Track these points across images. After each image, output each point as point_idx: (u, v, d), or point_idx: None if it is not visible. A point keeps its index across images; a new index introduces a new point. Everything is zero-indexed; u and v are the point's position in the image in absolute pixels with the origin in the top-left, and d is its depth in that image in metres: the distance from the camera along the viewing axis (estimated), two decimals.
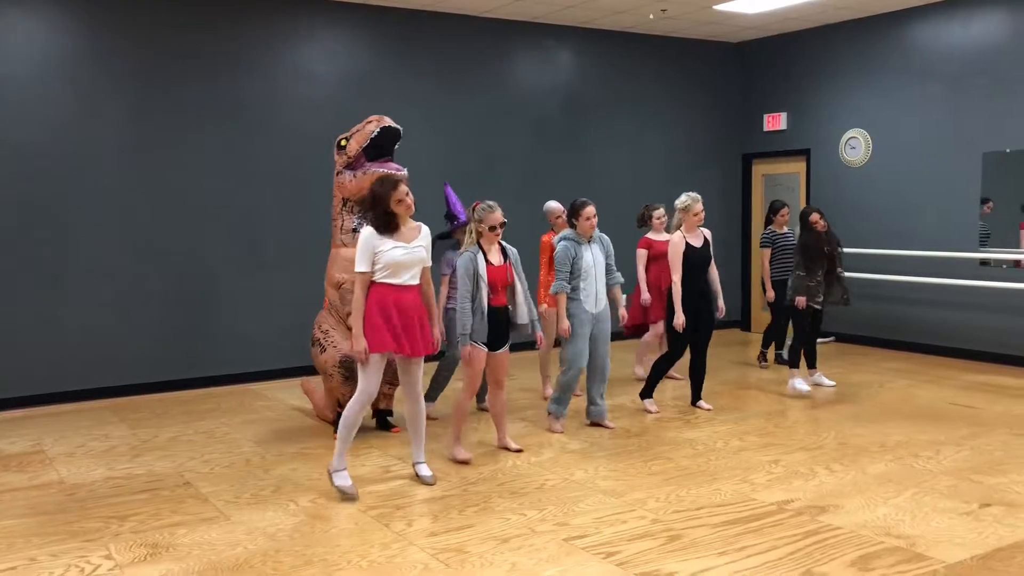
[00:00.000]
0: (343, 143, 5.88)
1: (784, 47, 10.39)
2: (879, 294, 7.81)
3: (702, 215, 6.40)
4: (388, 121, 5.79)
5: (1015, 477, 5.01)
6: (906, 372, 8.09)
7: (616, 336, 7.12)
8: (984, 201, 8.45)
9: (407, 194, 4.73)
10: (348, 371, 5.81)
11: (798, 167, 10.43)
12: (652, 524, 4.34)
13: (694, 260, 6.36)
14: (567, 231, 6.06)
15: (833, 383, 7.39)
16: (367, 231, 4.70)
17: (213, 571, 3.87)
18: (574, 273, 5.90)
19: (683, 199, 6.41)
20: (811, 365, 7.39)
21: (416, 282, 4.82)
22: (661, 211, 7.43)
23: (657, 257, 7.28)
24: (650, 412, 6.54)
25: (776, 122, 10.53)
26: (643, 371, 7.64)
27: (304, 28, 8.27)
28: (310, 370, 8.21)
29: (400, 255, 4.71)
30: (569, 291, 5.90)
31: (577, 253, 5.92)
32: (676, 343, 6.49)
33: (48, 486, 5.14)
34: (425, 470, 5.05)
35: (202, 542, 4.21)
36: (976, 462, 5.32)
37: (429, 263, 4.91)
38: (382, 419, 6.26)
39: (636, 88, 10.22)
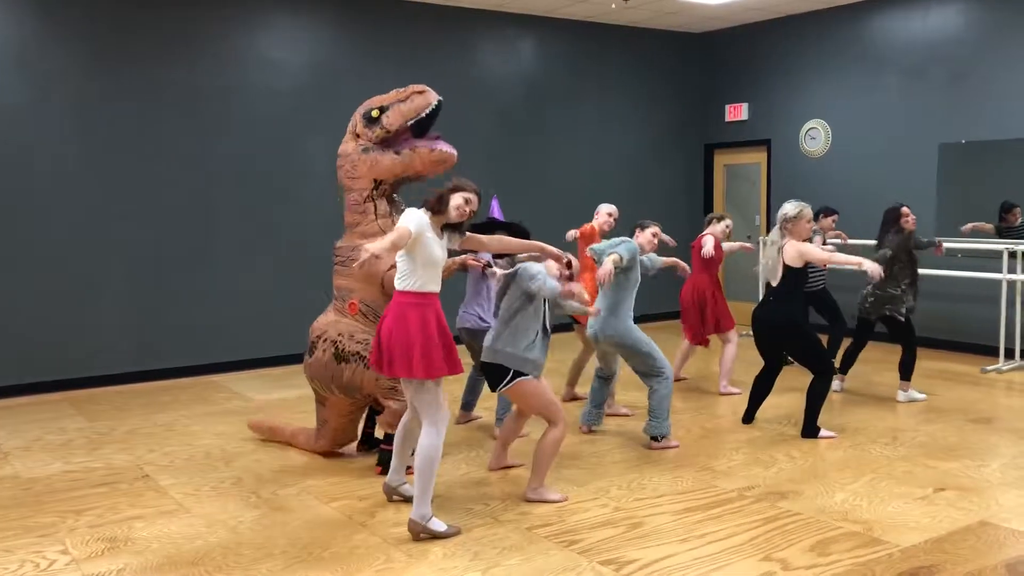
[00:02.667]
0: (375, 114, 4.99)
1: (746, 38, 10.46)
2: (839, 284, 7.90)
3: (812, 224, 5.78)
4: (435, 95, 5.00)
5: (968, 462, 5.11)
6: (864, 360, 8.17)
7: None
8: (1010, 208, 8.15)
9: (468, 202, 4.13)
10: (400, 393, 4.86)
11: (759, 157, 10.53)
12: (614, 512, 4.36)
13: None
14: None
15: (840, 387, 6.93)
16: (419, 212, 4.04)
17: (172, 565, 3.83)
18: (629, 278, 5.38)
19: (792, 207, 5.58)
20: (843, 371, 6.89)
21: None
22: (729, 220, 7.12)
23: (711, 264, 6.87)
24: (830, 437, 5.66)
25: (738, 112, 10.61)
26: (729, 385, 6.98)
27: (263, 13, 8.17)
28: (271, 361, 8.15)
29: (441, 254, 4.08)
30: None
31: (640, 262, 5.48)
32: (824, 360, 5.67)
33: (2, 480, 5.04)
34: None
35: (161, 535, 4.16)
36: (931, 448, 5.42)
37: None
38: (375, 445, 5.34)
39: (599, 77, 10.24)
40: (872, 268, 5.48)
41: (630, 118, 10.51)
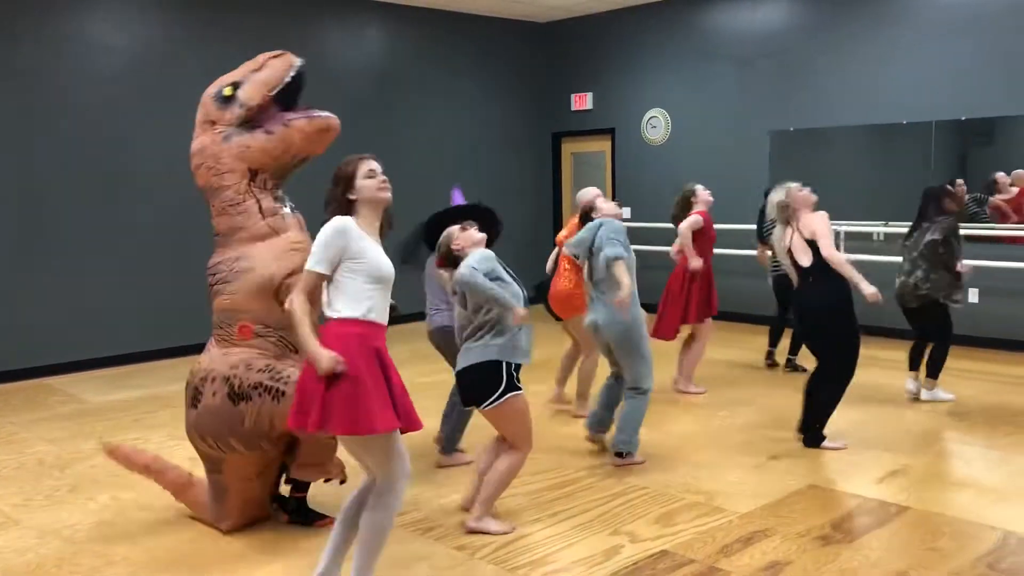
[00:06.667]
0: (228, 92, 4.09)
1: (589, 28, 10.70)
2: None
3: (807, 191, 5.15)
4: (294, 57, 4.25)
5: (792, 431, 5.43)
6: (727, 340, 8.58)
7: None
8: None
9: (380, 172, 3.25)
10: None
11: (604, 145, 10.81)
12: None
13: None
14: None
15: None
16: (344, 220, 3.11)
17: None
18: (628, 262, 4.76)
19: (780, 191, 5.20)
20: (915, 367, 6.13)
21: None
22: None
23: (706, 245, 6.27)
24: (839, 448, 5.08)
25: (583, 101, 10.86)
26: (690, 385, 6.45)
27: None
28: (109, 361, 7.74)
29: (388, 267, 3.16)
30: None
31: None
32: (853, 363, 4.99)
33: None
34: None
35: None
36: (765, 418, 5.74)
37: None
38: (301, 510, 4.20)
39: (448, 66, 10.23)
40: (871, 292, 4.87)
41: (478, 107, 10.57)
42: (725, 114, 9.53)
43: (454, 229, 4.03)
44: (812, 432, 5.08)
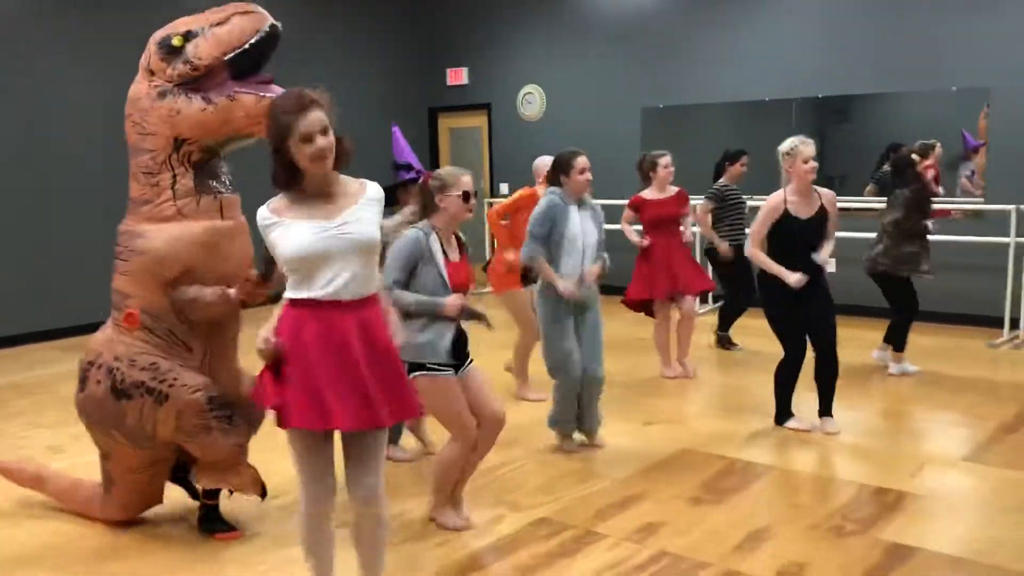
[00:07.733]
0: (177, 43, 3.54)
1: (462, 2, 10.66)
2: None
3: (813, 165, 4.61)
4: (268, 16, 3.69)
5: (673, 399, 5.66)
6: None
7: None
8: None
9: (323, 132, 2.82)
10: (227, 413, 3.50)
11: (480, 121, 10.84)
12: None
13: (798, 235, 4.64)
14: (552, 188, 4.62)
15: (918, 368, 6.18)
16: (259, 214, 2.75)
17: None
18: (553, 239, 4.49)
19: (788, 142, 4.70)
20: (899, 348, 6.09)
21: (365, 292, 2.74)
22: (668, 159, 6.10)
23: (656, 223, 6.17)
24: (802, 430, 4.95)
25: (458, 76, 10.84)
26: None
27: None
28: None
29: (313, 238, 2.67)
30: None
31: (561, 215, 4.50)
32: (790, 342, 4.87)
33: None
34: None
35: None
36: (643, 387, 5.94)
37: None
38: (208, 518, 3.79)
39: (322, 39, 10.01)
40: (795, 279, 4.58)
41: (352, 81, 10.38)
42: (598, 91, 9.71)
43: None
44: (778, 410, 5.03)
